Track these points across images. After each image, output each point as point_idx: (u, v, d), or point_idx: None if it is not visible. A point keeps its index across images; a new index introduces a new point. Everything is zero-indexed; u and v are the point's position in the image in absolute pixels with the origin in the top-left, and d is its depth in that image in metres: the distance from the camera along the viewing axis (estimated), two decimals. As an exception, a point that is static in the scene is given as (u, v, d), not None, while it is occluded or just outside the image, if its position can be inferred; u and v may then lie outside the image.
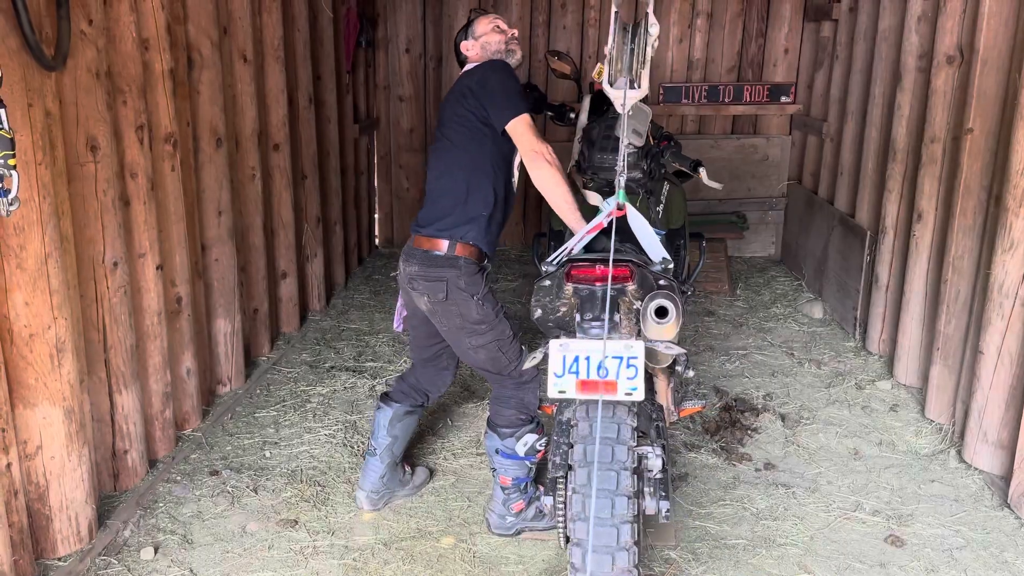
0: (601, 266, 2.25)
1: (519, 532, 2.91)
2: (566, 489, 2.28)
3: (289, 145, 4.54)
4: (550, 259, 2.43)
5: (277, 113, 4.41)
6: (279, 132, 4.44)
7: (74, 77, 2.71)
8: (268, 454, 3.46)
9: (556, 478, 2.33)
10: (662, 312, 2.08)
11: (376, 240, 6.75)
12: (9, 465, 2.50)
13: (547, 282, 2.39)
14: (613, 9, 1.92)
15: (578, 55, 6.15)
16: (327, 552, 2.83)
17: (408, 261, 2.79)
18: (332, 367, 4.34)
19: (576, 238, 2.43)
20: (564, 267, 2.36)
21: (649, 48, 1.93)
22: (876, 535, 2.91)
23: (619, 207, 2.29)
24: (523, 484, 2.88)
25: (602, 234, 2.43)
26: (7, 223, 2.43)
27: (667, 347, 2.19)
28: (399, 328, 3.08)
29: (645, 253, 2.49)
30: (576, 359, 2.15)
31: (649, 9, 1.93)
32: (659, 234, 2.50)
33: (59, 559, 2.71)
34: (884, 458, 3.44)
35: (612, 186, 2.77)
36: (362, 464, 3.13)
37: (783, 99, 5.97)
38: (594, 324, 2.23)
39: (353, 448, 3.50)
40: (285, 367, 4.33)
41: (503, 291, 5.58)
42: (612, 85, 1.97)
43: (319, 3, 4.91)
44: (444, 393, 3.17)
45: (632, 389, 2.13)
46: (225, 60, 3.80)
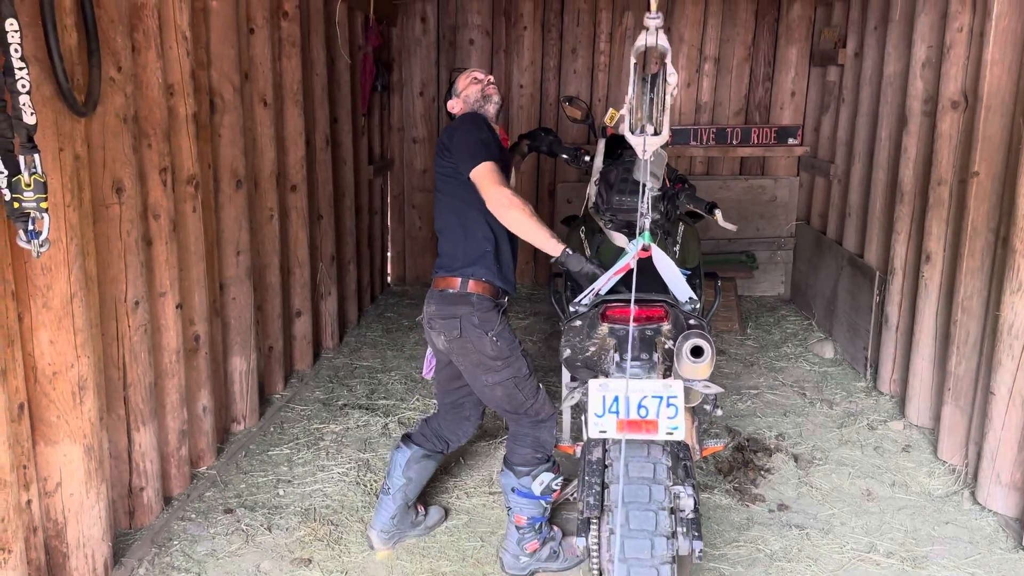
0: (636, 306, 2.29)
1: (533, 573, 2.91)
2: (600, 530, 2.29)
3: (306, 186, 4.62)
4: (578, 300, 2.47)
5: (295, 155, 4.50)
6: (297, 173, 4.53)
7: (102, 122, 2.79)
8: (282, 492, 3.48)
9: (589, 519, 2.33)
10: (698, 352, 2.11)
11: (388, 278, 6.81)
12: (29, 502, 2.53)
13: (578, 322, 2.43)
14: (632, 61, 1.99)
15: (589, 98, 6.26)
16: (341, 591, 2.83)
17: (428, 303, 2.86)
18: (345, 405, 4.37)
19: (603, 279, 2.47)
20: (597, 308, 2.40)
21: (668, 97, 2.00)
22: (890, 577, 2.91)
23: (644, 248, 2.34)
24: (538, 524, 2.89)
25: (627, 275, 2.47)
26: (35, 263, 2.49)
27: (705, 386, 2.23)
28: (428, 376, 3.12)
29: (670, 293, 2.53)
30: (616, 399, 2.18)
31: (667, 60, 2.00)
32: (684, 273, 2.55)
33: (76, 596, 2.72)
34: (897, 499, 3.44)
35: (631, 227, 2.83)
36: (376, 502, 3.14)
37: (790, 141, 6.05)
38: (634, 364, 2.27)
39: (366, 487, 3.52)
40: (299, 405, 4.36)
41: (514, 329, 5.60)
42: (634, 133, 2.03)
43: (337, 48, 5.03)
44: (464, 443, 3.19)
45: (673, 428, 2.16)
46: (246, 104, 3.90)
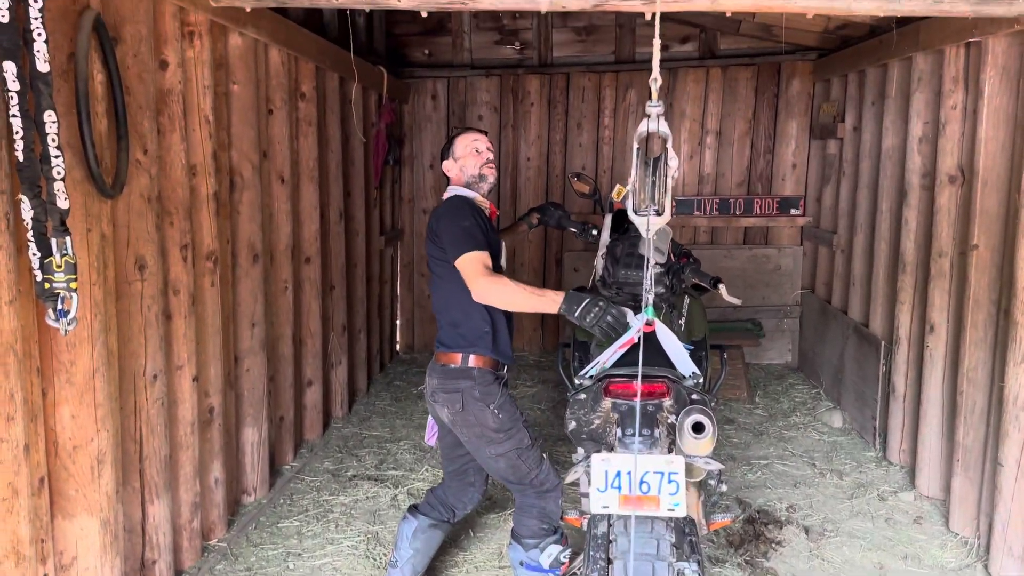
0: (639, 381, 2.35)
1: (544, 647, 2.90)
2: None
3: (320, 258, 4.73)
4: (583, 372, 2.53)
5: (310, 228, 4.62)
6: (311, 246, 4.64)
7: (127, 202, 2.91)
8: (292, 566, 3.48)
9: None
10: (699, 428, 2.16)
11: (397, 346, 6.87)
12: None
13: (582, 396, 2.48)
14: (635, 145, 2.09)
15: (594, 170, 6.42)
16: (351, 667, 2.82)
17: (430, 375, 2.92)
18: (354, 475, 4.38)
19: (608, 352, 2.54)
20: (601, 382, 2.46)
21: (670, 179, 2.09)
22: (905, 653, 2.88)
23: (648, 323, 2.41)
24: (548, 598, 2.89)
25: (632, 349, 2.54)
26: (60, 340, 2.57)
27: (706, 462, 2.27)
28: (430, 442, 3.16)
29: (674, 367, 2.59)
30: (618, 474, 2.22)
31: (668, 144, 2.10)
32: (687, 348, 2.61)
33: (86, 673, 2.72)
34: (911, 573, 3.42)
35: (636, 300, 2.90)
36: (386, 576, 3.15)
37: (793, 211, 6.17)
38: (635, 439, 2.31)
39: (375, 560, 3.52)
40: (308, 475, 4.38)
41: (522, 397, 5.65)
42: (637, 213, 2.12)
43: (352, 126, 5.20)
44: (471, 511, 3.20)
45: (675, 505, 2.19)
46: (264, 181, 4.03)
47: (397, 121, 6.31)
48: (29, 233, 2.23)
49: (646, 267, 2.26)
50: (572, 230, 3.41)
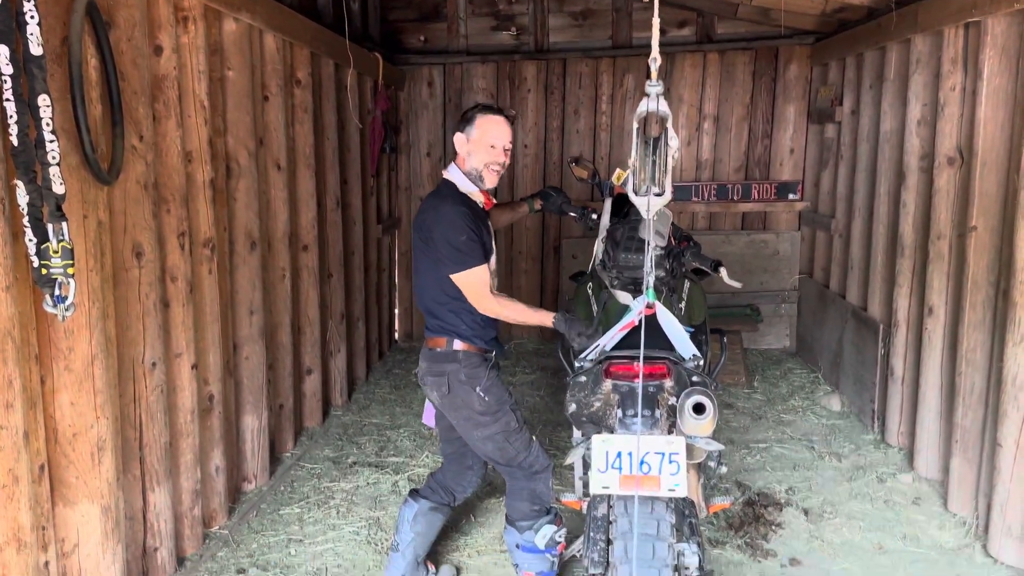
0: (639, 363, 2.35)
1: (545, 629, 2.91)
2: None
3: (317, 246, 4.72)
4: (583, 356, 2.53)
5: (307, 216, 4.60)
6: (308, 234, 4.63)
7: (124, 189, 2.89)
8: (293, 552, 3.48)
9: (594, 575, 2.36)
10: (700, 408, 2.16)
11: (396, 335, 6.87)
12: (47, 563, 2.56)
13: (582, 378, 2.48)
14: (635, 125, 2.08)
15: (591, 156, 6.40)
16: (354, 652, 2.83)
17: (421, 359, 2.93)
18: (355, 462, 4.39)
19: (608, 335, 2.53)
20: (602, 364, 2.46)
21: (670, 159, 2.08)
22: (905, 633, 2.89)
23: (648, 305, 2.40)
24: (546, 578, 2.90)
25: (632, 332, 2.53)
26: (58, 327, 2.56)
27: (707, 443, 2.27)
28: (427, 422, 3.17)
29: (674, 350, 2.59)
30: (619, 454, 2.22)
31: (669, 124, 2.09)
32: (688, 331, 2.61)
33: (89, 659, 2.72)
34: (909, 553, 3.43)
35: (637, 284, 2.89)
36: (386, 560, 3.14)
37: (791, 196, 6.16)
38: (636, 420, 2.32)
39: (377, 546, 3.52)
40: (308, 463, 4.38)
41: (521, 384, 5.65)
42: (637, 194, 2.11)
43: (347, 113, 5.18)
44: (470, 494, 3.21)
45: (675, 485, 2.19)
46: (260, 168, 4.01)
47: (393, 108, 6.29)
48: (25, 219, 2.22)
49: (647, 249, 2.25)
50: (572, 215, 3.41)
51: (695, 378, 2.40)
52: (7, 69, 2.11)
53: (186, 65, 3.23)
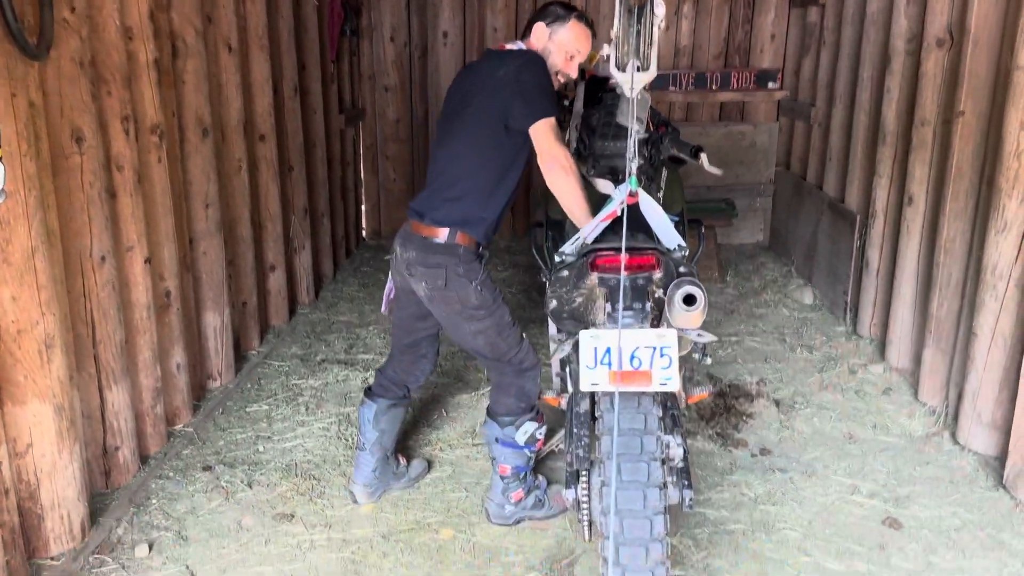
0: (627, 254, 2.23)
1: (519, 521, 2.89)
2: (590, 482, 2.26)
3: (275, 136, 4.48)
4: (564, 249, 2.39)
5: (262, 103, 4.35)
6: (265, 122, 4.38)
7: (57, 67, 2.65)
8: (261, 448, 3.42)
9: (578, 471, 2.30)
10: (690, 299, 2.06)
11: (363, 232, 6.69)
12: (-1, 464, 2.46)
13: (564, 273, 2.36)
14: (618, -8, 1.89)
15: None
16: (325, 546, 2.80)
17: (406, 247, 2.76)
18: (323, 360, 4.30)
19: (590, 226, 2.40)
20: (585, 257, 2.33)
21: (656, 29, 1.90)
22: (874, 518, 2.92)
23: (631, 194, 2.27)
24: (522, 473, 2.86)
25: (614, 223, 2.41)
26: (-8, 217, 2.37)
27: (699, 335, 2.18)
28: (386, 311, 3.05)
29: (658, 240, 2.47)
30: (608, 350, 2.13)
31: (654, -11, 1.91)
32: (672, 219, 2.48)
33: (52, 558, 2.66)
34: (879, 441, 3.45)
35: (615, 173, 2.75)
36: (354, 458, 3.09)
37: (770, 85, 5.97)
38: (626, 314, 2.21)
39: (348, 440, 3.47)
40: (276, 361, 4.29)
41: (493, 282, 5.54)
42: (620, 69, 1.94)
43: (303, -9, 4.85)
44: (424, 383, 3.12)
45: (667, 379, 2.11)
46: (210, 49, 3.74)
47: (354, -11, 5.92)
48: (-59, 94, 2.00)
49: (630, 133, 2.10)
50: None
51: (682, 269, 2.29)
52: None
53: (120, -71, 2.93)
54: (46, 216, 2.53)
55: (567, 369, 2.99)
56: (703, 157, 2.78)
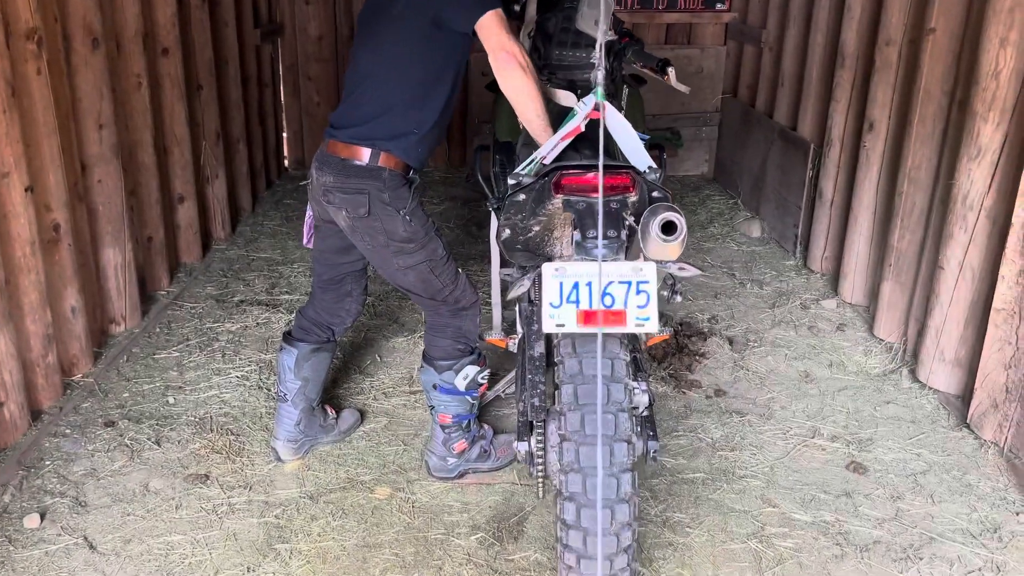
0: (596, 173, 1.92)
1: (462, 475, 2.64)
2: (546, 434, 1.99)
3: (180, 50, 3.98)
4: (519, 170, 2.07)
5: (164, 11, 3.84)
6: (168, 34, 3.88)
7: None
8: (172, 400, 3.07)
9: (531, 422, 2.03)
10: (670, 228, 1.77)
11: (285, 161, 6.21)
12: None
13: (521, 196, 2.02)
14: None
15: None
16: (244, 509, 2.50)
17: (322, 170, 2.40)
18: (242, 301, 3.92)
19: (549, 144, 2.09)
20: (548, 177, 2.01)
21: None
22: (837, 462, 2.77)
23: (597, 107, 1.96)
24: (465, 422, 2.60)
25: (576, 141, 2.10)
26: None
27: (680, 268, 1.91)
28: (308, 243, 2.71)
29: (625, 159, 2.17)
30: (576, 286, 1.84)
31: None
32: (643, 139, 2.18)
33: (-80, 535, 2.30)
34: (836, 380, 3.31)
35: (573, 86, 2.44)
36: (275, 411, 2.77)
37: (718, 6, 5.66)
38: (598, 243, 1.89)
39: (269, 391, 3.14)
40: (188, 302, 3.89)
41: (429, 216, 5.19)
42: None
43: None
44: (351, 325, 2.80)
45: (643, 320, 1.84)
46: (96, -57, 3.23)
47: None
48: None
49: (599, 36, 1.78)
50: None
51: (655, 193, 2.01)
52: None
53: None
54: None
55: (518, 307, 2.72)
56: (671, 72, 2.49)
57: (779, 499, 2.57)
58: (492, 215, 3.06)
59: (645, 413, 2.01)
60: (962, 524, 2.47)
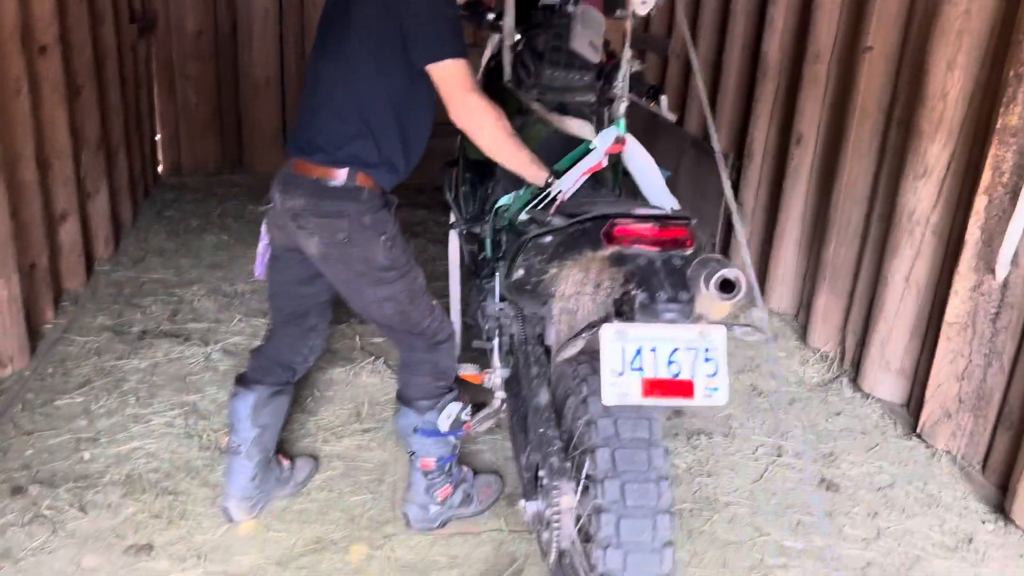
0: (655, 224, 1.74)
1: (444, 523, 2.44)
2: (563, 498, 1.81)
3: (60, 48, 3.50)
4: (534, 204, 1.89)
5: (42, 4, 3.34)
6: (47, 30, 3.39)
7: None
8: (87, 456, 2.67)
9: (550, 485, 1.86)
10: (728, 286, 1.63)
11: (159, 168, 5.67)
12: None
13: (547, 239, 1.87)
14: None
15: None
16: (204, 585, 2.19)
17: (289, 192, 2.13)
18: (144, 332, 3.50)
19: (569, 179, 1.92)
20: (589, 224, 1.83)
21: None
22: (809, 481, 2.78)
23: (619, 140, 1.81)
24: (447, 465, 2.40)
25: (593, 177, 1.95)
26: None
27: (745, 332, 1.77)
28: (261, 275, 2.42)
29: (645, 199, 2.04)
30: (639, 352, 1.67)
31: None
32: (665, 175, 2.06)
33: None
34: (782, 392, 3.34)
35: (563, 109, 2.29)
36: (225, 466, 2.45)
37: (618, 12, 5.65)
38: (671, 307, 1.70)
39: (202, 439, 2.80)
40: (79, 335, 3.43)
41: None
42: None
43: None
44: (312, 362, 2.52)
45: (712, 390, 1.67)
46: (-29, -76, 2.75)
47: None
48: None
49: (623, 59, 1.64)
50: (463, 14, 2.63)
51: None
52: None
53: None
54: None
55: (496, 342, 2.55)
56: (663, 100, 2.39)
57: (768, 526, 2.54)
58: (452, 237, 2.87)
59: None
60: (938, 537, 2.53)
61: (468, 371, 2.48)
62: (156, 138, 5.59)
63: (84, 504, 2.43)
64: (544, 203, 1.93)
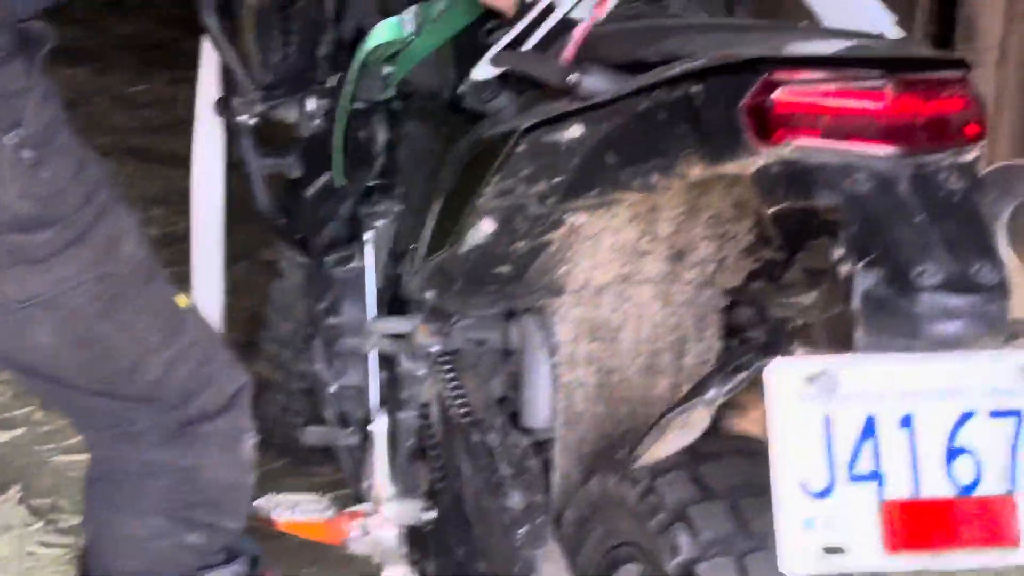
0: (893, 84, 0.71)
1: None
2: None
3: None
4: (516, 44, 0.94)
5: None
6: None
7: None
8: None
9: None
10: None
11: None
12: None
13: (567, 133, 0.85)
14: None
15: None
16: None
17: None
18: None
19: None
20: (698, 86, 0.75)
21: None
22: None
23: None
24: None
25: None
26: None
27: None
28: None
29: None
30: (870, 427, 0.68)
31: None
32: None
33: None
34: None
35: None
36: None
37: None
38: (955, 302, 0.67)
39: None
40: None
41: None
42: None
43: None
44: None
45: None
46: None
47: None
48: None
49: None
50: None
51: None
52: None
53: None
54: None
55: (379, 421, 1.18)
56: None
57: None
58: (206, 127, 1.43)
59: None
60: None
61: (290, 512, 1.19)
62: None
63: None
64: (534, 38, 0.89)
